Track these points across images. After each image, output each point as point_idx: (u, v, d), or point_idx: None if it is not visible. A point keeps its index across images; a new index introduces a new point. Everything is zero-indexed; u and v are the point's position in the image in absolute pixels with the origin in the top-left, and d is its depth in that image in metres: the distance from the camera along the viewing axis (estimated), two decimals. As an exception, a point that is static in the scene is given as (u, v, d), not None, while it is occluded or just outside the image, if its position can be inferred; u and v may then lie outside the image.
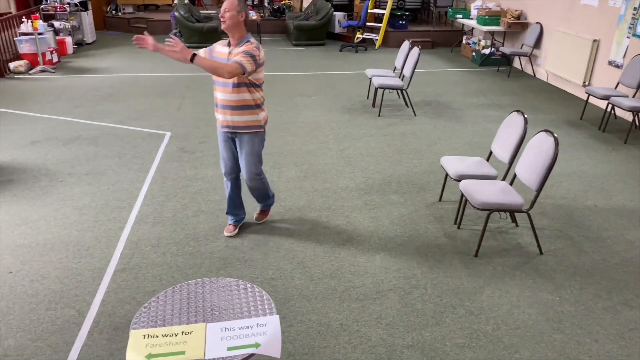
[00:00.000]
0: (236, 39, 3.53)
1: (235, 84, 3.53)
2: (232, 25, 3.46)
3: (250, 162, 3.80)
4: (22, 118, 6.63)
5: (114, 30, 12.92)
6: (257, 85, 3.62)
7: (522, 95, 7.91)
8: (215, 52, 3.63)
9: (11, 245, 3.90)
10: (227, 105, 3.60)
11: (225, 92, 3.58)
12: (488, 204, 3.72)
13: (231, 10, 3.43)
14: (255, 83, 3.59)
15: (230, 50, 3.54)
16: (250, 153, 3.77)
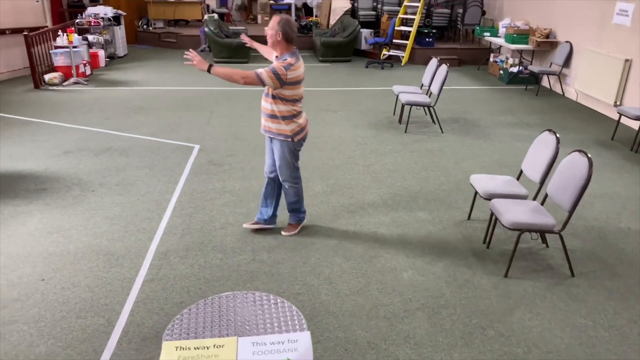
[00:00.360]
0: (279, 55, 3.82)
1: (268, 94, 3.81)
2: (272, 43, 3.76)
3: (280, 166, 4.05)
4: (55, 128, 6.80)
5: (145, 44, 13.21)
6: (285, 99, 3.79)
7: (551, 114, 7.81)
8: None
9: (44, 253, 3.98)
10: (263, 111, 3.94)
11: (263, 100, 3.91)
12: (519, 223, 3.66)
13: (271, 29, 3.72)
14: (282, 97, 3.77)
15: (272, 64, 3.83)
16: (280, 157, 4.01)
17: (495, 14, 11.68)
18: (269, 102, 3.82)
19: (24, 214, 4.57)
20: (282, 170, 4.06)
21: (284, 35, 3.70)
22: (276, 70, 3.62)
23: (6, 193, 4.97)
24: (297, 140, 3.95)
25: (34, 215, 4.56)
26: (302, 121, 3.96)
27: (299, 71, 3.75)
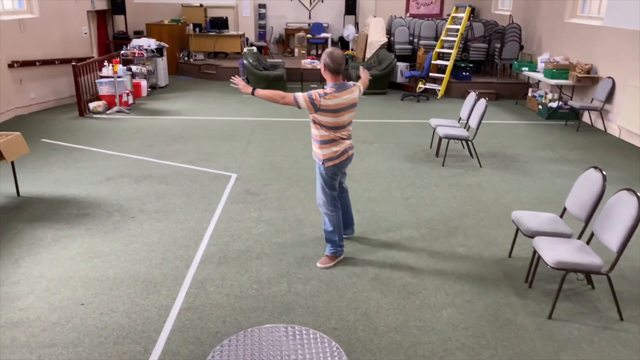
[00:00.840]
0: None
1: (311, 120, 4.00)
2: (322, 74, 3.99)
3: (317, 188, 4.24)
4: (98, 155, 6.99)
5: (186, 75, 13.59)
6: (320, 124, 3.95)
7: (593, 150, 7.63)
8: None
9: (84, 277, 4.04)
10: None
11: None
12: (564, 263, 3.54)
13: (321, 62, 3.96)
14: (318, 122, 3.96)
15: None
16: (317, 179, 4.20)
17: (534, 48, 11.61)
18: (312, 126, 4.04)
19: (66, 238, 4.67)
20: (318, 194, 4.24)
21: (325, 67, 3.89)
22: (312, 96, 3.83)
23: (50, 217, 5.10)
24: (328, 166, 4.03)
25: (76, 239, 4.66)
26: (338, 149, 4.00)
27: (336, 101, 3.85)
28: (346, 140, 4.05)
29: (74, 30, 10.64)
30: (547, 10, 11.03)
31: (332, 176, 4.10)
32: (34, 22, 9.48)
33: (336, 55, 3.86)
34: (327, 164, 4.02)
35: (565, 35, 10.23)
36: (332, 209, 4.20)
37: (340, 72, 3.90)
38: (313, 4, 15.38)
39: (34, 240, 4.63)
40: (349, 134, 4.08)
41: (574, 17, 10.17)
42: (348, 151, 4.09)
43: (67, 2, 10.36)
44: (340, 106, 3.87)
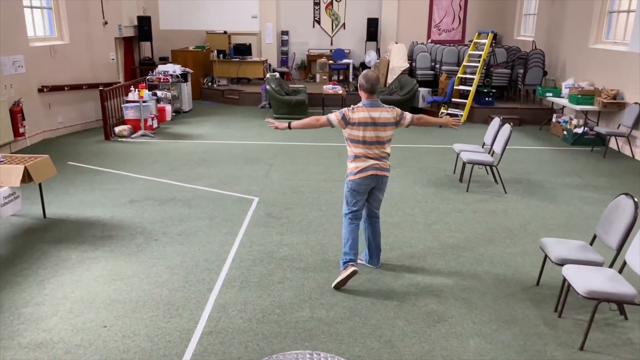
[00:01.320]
0: None
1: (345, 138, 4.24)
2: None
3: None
4: (122, 178, 7.08)
5: (209, 100, 13.79)
6: (349, 140, 4.19)
7: (621, 177, 7.46)
8: None
9: (107, 300, 4.04)
10: None
11: None
12: (596, 292, 3.43)
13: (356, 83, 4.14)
14: (348, 137, 4.19)
15: None
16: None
17: (557, 74, 11.52)
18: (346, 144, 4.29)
19: (90, 260, 4.70)
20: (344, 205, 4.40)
21: (360, 86, 4.20)
22: (342, 111, 4.13)
23: (75, 238, 5.15)
24: (349, 180, 4.25)
25: (100, 261, 4.68)
26: (360, 165, 4.18)
27: (362, 115, 4.10)
28: (371, 160, 4.16)
29: (102, 56, 10.92)
30: (571, 36, 10.97)
31: (351, 191, 4.26)
32: (64, 48, 9.76)
33: (370, 76, 4.16)
34: (348, 178, 4.26)
35: (590, 60, 10.14)
36: (347, 221, 4.33)
37: (374, 92, 4.18)
38: (335, 30, 15.57)
39: (58, 261, 4.66)
40: (377, 154, 4.16)
41: (598, 42, 10.10)
42: (370, 170, 4.15)
43: (95, 29, 10.66)
44: (365, 120, 4.07)
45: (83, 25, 10.27)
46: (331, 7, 15.38)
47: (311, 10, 15.40)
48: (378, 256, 4.62)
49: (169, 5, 15.09)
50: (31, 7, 9.22)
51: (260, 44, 15.32)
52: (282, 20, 15.38)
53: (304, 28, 15.52)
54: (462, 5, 15.28)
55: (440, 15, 15.40)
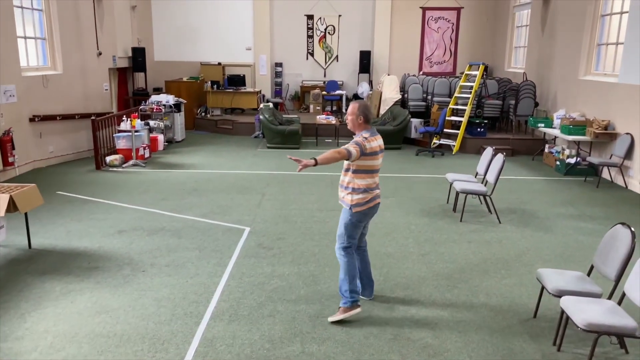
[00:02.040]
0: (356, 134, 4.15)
1: (349, 170, 4.10)
2: (352, 127, 4.14)
3: (338, 233, 4.24)
4: (112, 208, 6.96)
5: (202, 130, 13.78)
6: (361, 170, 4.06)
7: (615, 207, 7.43)
8: None
9: (90, 334, 3.89)
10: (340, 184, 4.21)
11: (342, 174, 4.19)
12: (596, 325, 3.33)
13: (351, 115, 4.10)
14: (360, 168, 4.05)
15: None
16: (340, 225, 4.21)
17: (549, 105, 11.62)
18: (347, 175, 4.12)
19: (74, 292, 4.55)
20: (338, 238, 4.23)
21: (364, 119, 4.10)
22: (359, 142, 4.00)
23: (60, 270, 5.00)
24: (356, 211, 4.09)
25: (84, 293, 4.53)
26: (367, 195, 4.10)
27: (374, 144, 4.06)
28: (375, 189, 4.17)
29: (95, 86, 10.92)
30: (561, 68, 11.11)
31: (357, 222, 4.15)
32: (57, 78, 9.76)
33: (369, 106, 4.20)
34: (354, 210, 4.08)
35: (581, 92, 10.25)
36: (348, 255, 4.19)
37: (371, 121, 4.17)
38: (328, 62, 15.73)
39: (41, 293, 4.51)
40: (377, 182, 4.20)
41: (588, 74, 10.22)
42: (376, 199, 4.19)
43: (89, 60, 10.69)
44: (377, 149, 4.10)
45: (77, 56, 10.29)
46: (324, 40, 15.57)
47: (305, 43, 15.59)
48: (371, 287, 4.51)
49: (164, 36, 15.22)
50: (25, 38, 9.24)
51: (255, 75, 15.42)
52: (276, 52, 15.54)
53: (297, 60, 15.67)
54: (453, 38, 15.52)
55: (431, 48, 15.62)
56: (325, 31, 15.47)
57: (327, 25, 15.41)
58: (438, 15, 15.33)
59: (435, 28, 15.44)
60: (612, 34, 9.64)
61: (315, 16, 15.31)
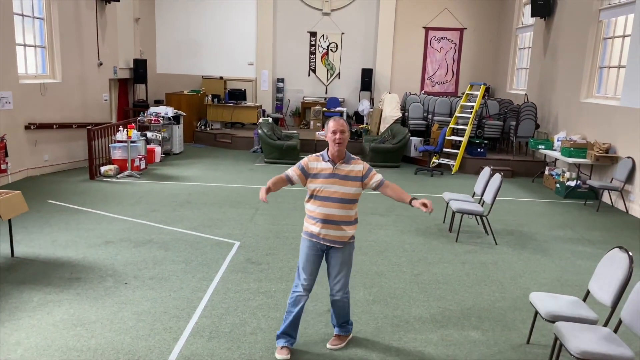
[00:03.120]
0: (342, 156, 3.70)
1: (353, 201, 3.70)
2: (345, 145, 3.67)
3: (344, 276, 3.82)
4: (101, 218, 6.84)
5: (201, 143, 13.71)
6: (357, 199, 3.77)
7: (615, 231, 7.27)
8: (317, 169, 3.67)
9: (63, 347, 3.73)
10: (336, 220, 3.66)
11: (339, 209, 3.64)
12: (590, 353, 3.17)
13: (346, 131, 3.65)
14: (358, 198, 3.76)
15: (337, 167, 3.65)
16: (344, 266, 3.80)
17: (550, 127, 11.53)
18: (344, 208, 3.64)
19: (52, 303, 4.40)
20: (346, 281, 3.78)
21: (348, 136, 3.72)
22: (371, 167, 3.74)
23: (40, 280, 4.86)
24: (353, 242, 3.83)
25: (62, 305, 4.38)
26: None
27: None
28: None
29: (95, 96, 10.88)
30: (562, 90, 11.04)
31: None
32: (55, 87, 9.72)
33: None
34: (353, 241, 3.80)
35: (582, 114, 10.15)
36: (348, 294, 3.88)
37: None
38: (330, 79, 15.72)
39: (18, 303, 4.37)
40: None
41: (590, 97, 10.14)
42: None
43: (90, 70, 10.67)
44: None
45: (77, 65, 10.27)
46: (327, 57, 15.58)
47: (307, 59, 15.59)
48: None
49: (166, 49, 15.26)
50: (24, 45, 9.22)
51: (256, 90, 15.41)
52: (278, 68, 15.54)
53: (299, 76, 15.67)
54: (455, 59, 15.51)
55: (434, 68, 15.61)
56: (327, 48, 15.49)
57: (329, 42, 15.43)
58: (441, 36, 15.35)
59: (438, 48, 15.44)
60: (614, 57, 9.58)
61: (318, 33, 15.34)
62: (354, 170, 3.67)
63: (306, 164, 3.71)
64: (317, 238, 3.68)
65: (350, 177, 3.65)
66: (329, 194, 3.62)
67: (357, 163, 3.72)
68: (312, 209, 3.69)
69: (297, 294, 3.71)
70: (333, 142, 3.63)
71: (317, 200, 3.66)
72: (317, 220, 3.65)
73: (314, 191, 3.66)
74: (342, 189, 3.62)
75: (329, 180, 3.63)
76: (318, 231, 3.65)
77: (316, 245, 3.70)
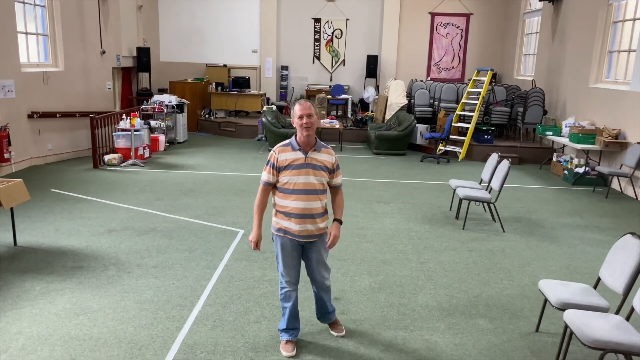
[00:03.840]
0: (313, 143, 3.48)
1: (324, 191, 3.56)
2: (314, 130, 3.45)
3: (323, 267, 3.72)
4: (105, 207, 6.79)
5: (205, 132, 13.63)
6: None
7: (624, 218, 7.15)
8: (288, 160, 3.43)
9: (65, 336, 3.69)
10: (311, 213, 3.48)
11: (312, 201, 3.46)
12: (602, 342, 3.09)
13: (314, 115, 3.44)
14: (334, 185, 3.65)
15: (309, 155, 3.45)
16: (323, 256, 3.70)
17: (558, 113, 11.36)
18: (320, 200, 3.49)
19: (54, 292, 4.36)
20: (326, 271, 3.70)
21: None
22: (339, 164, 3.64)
23: (43, 269, 4.82)
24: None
25: (65, 293, 4.34)
26: None
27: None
28: None
29: (98, 85, 10.80)
30: (571, 75, 10.86)
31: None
32: (58, 75, 9.64)
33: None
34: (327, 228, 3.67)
35: (591, 100, 9.98)
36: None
37: None
38: (334, 66, 15.56)
39: (20, 292, 4.33)
40: None
41: (599, 82, 9.96)
42: None
43: (92, 58, 10.58)
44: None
45: (79, 54, 10.18)
46: (331, 43, 15.41)
47: (311, 47, 15.43)
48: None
49: (170, 37, 15.13)
50: (26, 33, 9.14)
51: (260, 77, 15.28)
52: (282, 55, 15.39)
53: (303, 63, 15.51)
54: (462, 45, 15.31)
55: (440, 54, 15.42)
56: (332, 35, 15.32)
57: (334, 29, 15.26)
58: (447, 21, 15.13)
59: (444, 34, 15.24)
60: (625, 41, 9.39)
61: (322, 19, 15.16)
62: (327, 161, 3.49)
63: (275, 159, 3.45)
64: (293, 235, 3.47)
65: (323, 168, 3.47)
66: (303, 185, 3.40)
67: (330, 153, 3.54)
68: (285, 204, 3.45)
69: (286, 289, 3.59)
70: (300, 128, 3.41)
71: (291, 194, 3.42)
72: (293, 215, 3.43)
73: (286, 184, 3.43)
74: (317, 179, 3.44)
75: (302, 171, 3.41)
76: (294, 227, 3.45)
77: (293, 242, 3.52)
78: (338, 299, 4.40)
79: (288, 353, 3.56)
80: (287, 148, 3.48)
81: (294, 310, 3.63)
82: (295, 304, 3.63)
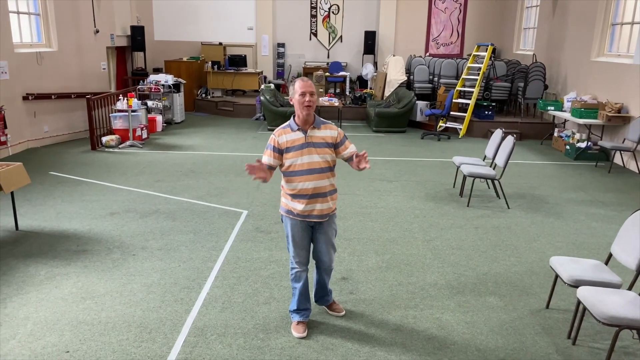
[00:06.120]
0: (312, 121, 3.43)
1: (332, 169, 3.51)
2: (314, 108, 3.37)
3: (331, 248, 3.67)
4: (105, 189, 6.71)
5: (202, 111, 13.48)
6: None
7: (629, 193, 7.13)
8: (288, 142, 3.38)
9: (73, 321, 3.65)
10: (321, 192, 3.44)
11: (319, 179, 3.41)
12: (618, 318, 3.07)
13: (315, 92, 3.36)
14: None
15: (309, 134, 3.40)
16: (331, 238, 3.64)
17: (559, 88, 11.26)
18: (328, 178, 3.45)
19: (60, 276, 4.31)
20: (333, 253, 3.67)
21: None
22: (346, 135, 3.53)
23: (47, 253, 4.76)
24: None
25: (70, 278, 4.29)
26: None
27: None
28: None
29: (92, 65, 10.61)
30: (572, 49, 10.73)
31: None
32: (52, 56, 9.45)
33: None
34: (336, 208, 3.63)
35: (593, 74, 9.88)
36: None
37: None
38: (332, 43, 15.35)
39: (25, 277, 4.28)
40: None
41: (601, 55, 9.85)
42: None
43: (86, 38, 10.37)
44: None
45: (73, 33, 9.97)
46: (328, 19, 15.16)
47: (308, 23, 15.18)
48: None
49: (164, 15, 14.85)
50: (17, 13, 8.92)
51: (256, 55, 15.06)
52: (279, 33, 15.15)
53: (300, 40, 15.28)
54: (460, 19, 15.09)
55: (438, 29, 15.21)
56: (329, 11, 15.06)
57: (331, 4, 15.00)
58: (445, -5, 14.88)
59: (443, 8, 15.01)
60: (628, 13, 9.25)
61: (319, -5, 14.89)
62: (328, 136, 3.42)
63: (275, 141, 3.39)
64: (303, 216, 3.42)
65: (325, 144, 3.40)
66: (308, 165, 3.35)
67: (331, 128, 3.47)
68: (293, 186, 3.39)
69: (296, 270, 3.56)
70: (302, 105, 3.32)
71: (297, 176, 3.36)
72: (302, 197, 3.37)
73: (290, 166, 3.37)
74: (321, 157, 3.37)
75: (304, 151, 3.35)
76: (303, 208, 3.38)
77: (303, 222, 3.47)
78: (346, 278, 4.38)
79: (299, 334, 3.53)
80: (287, 130, 3.43)
81: (304, 291, 3.59)
82: (305, 284, 3.59)
